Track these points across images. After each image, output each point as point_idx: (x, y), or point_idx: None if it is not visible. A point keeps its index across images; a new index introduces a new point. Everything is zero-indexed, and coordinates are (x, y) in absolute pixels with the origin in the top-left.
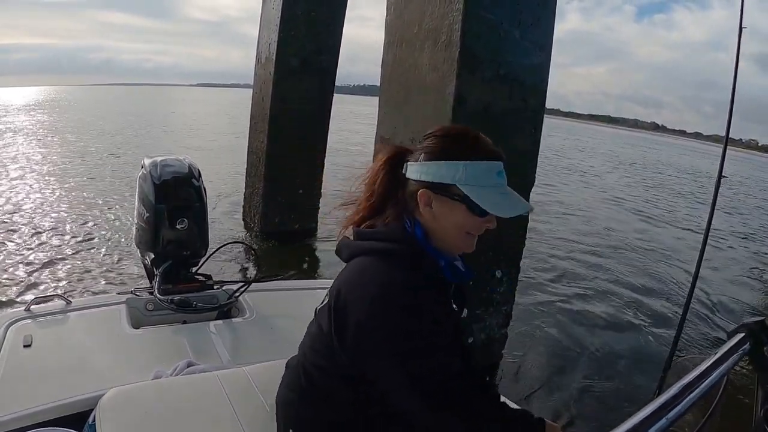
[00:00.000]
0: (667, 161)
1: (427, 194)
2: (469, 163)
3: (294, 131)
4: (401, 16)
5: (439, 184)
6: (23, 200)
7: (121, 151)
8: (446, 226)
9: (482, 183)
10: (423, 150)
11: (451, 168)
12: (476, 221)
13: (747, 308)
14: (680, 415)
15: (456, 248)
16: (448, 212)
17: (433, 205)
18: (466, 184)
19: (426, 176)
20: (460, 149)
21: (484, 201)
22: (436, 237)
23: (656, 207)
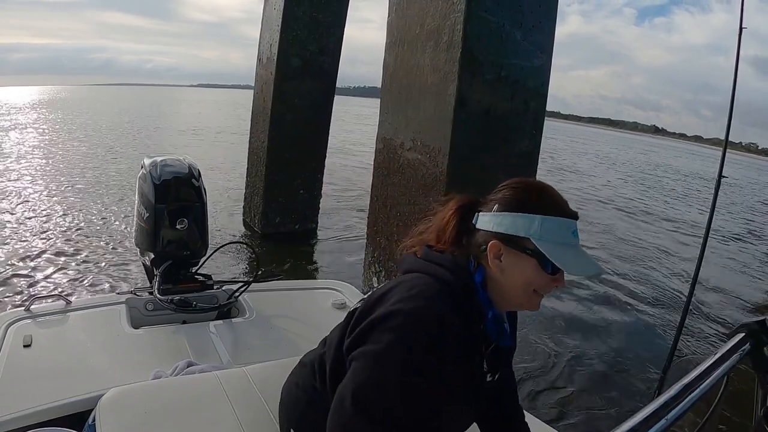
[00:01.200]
0: (675, 165)
1: (498, 246)
2: (546, 218)
3: (295, 132)
4: (403, 18)
5: (512, 237)
6: (23, 200)
7: (123, 151)
8: (513, 280)
9: (557, 239)
10: (497, 201)
11: (526, 221)
12: (545, 278)
13: (747, 308)
14: (680, 415)
15: (519, 305)
16: (518, 266)
17: (502, 258)
18: (541, 239)
19: (499, 227)
20: (537, 203)
21: (558, 258)
22: (498, 289)
23: (657, 208)
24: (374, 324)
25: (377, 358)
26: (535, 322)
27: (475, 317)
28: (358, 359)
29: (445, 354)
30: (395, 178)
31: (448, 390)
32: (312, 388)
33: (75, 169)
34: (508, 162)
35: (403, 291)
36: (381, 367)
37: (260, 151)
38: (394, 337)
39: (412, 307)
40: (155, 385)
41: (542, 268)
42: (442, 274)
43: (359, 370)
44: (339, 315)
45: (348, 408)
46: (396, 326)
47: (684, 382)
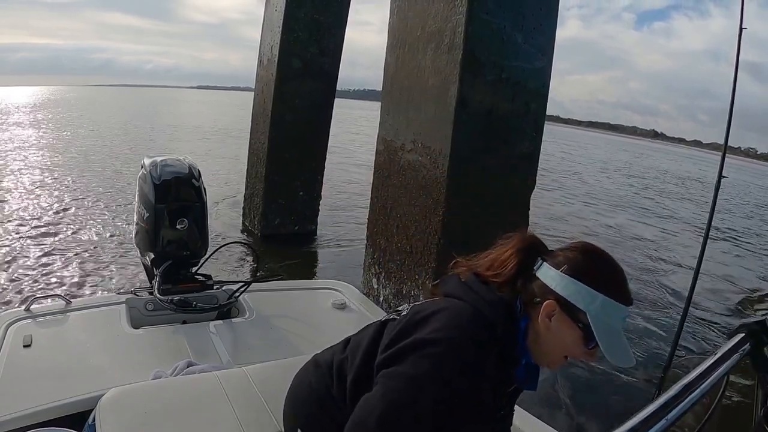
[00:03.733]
0: (677, 170)
1: (554, 307)
2: (608, 300)
3: (295, 133)
4: (404, 19)
5: (570, 304)
6: (23, 200)
7: (123, 150)
8: (555, 342)
9: (610, 322)
10: (567, 261)
11: (589, 295)
12: (582, 351)
13: (748, 308)
14: (680, 415)
15: (545, 363)
16: (564, 332)
17: (553, 319)
18: (596, 317)
19: (562, 290)
20: (606, 281)
21: (605, 343)
22: (537, 342)
23: (657, 208)
24: (414, 347)
25: (413, 383)
26: None
27: (510, 361)
28: (391, 379)
29: (477, 391)
30: (396, 179)
31: (470, 425)
32: (326, 391)
33: (75, 168)
34: (508, 163)
35: (447, 319)
36: (415, 393)
37: (260, 152)
38: (433, 365)
39: (455, 338)
40: (155, 385)
41: (584, 342)
42: (488, 311)
43: (391, 391)
44: (339, 315)
45: (372, 426)
46: (436, 354)
47: (684, 382)
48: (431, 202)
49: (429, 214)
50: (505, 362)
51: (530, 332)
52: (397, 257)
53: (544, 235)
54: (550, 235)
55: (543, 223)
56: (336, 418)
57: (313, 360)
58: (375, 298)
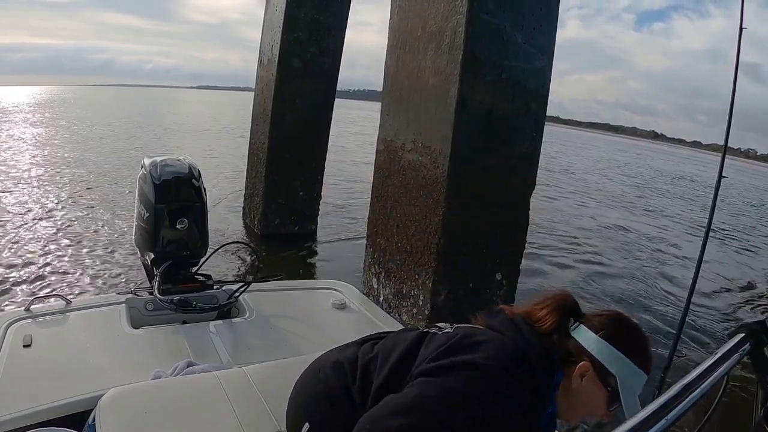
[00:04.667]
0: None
1: (588, 368)
2: (638, 371)
3: (295, 134)
4: (405, 19)
5: (604, 368)
6: (23, 200)
7: (125, 150)
8: (582, 400)
9: (633, 389)
10: (604, 328)
11: (622, 363)
12: (604, 411)
13: (747, 308)
14: (680, 415)
15: (567, 417)
16: (593, 392)
17: (584, 379)
18: (624, 384)
19: (598, 353)
20: (638, 350)
21: (626, 404)
22: (565, 397)
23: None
24: (462, 366)
25: (449, 395)
26: None
27: (539, 407)
28: (429, 386)
29: (506, 423)
30: (396, 179)
31: None
32: (344, 390)
33: (75, 168)
34: (508, 163)
35: (497, 350)
36: (448, 405)
37: (260, 152)
38: (473, 386)
39: (501, 370)
40: (155, 385)
41: (608, 404)
42: (534, 357)
43: (425, 396)
44: (339, 315)
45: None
46: (479, 377)
47: (684, 382)
48: (431, 202)
49: (429, 214)
50: (536, 404)
51: (561, 386)
52: (397, 257)
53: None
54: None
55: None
56: (348, 417)
57: (331, 358)
58: (375, 298)
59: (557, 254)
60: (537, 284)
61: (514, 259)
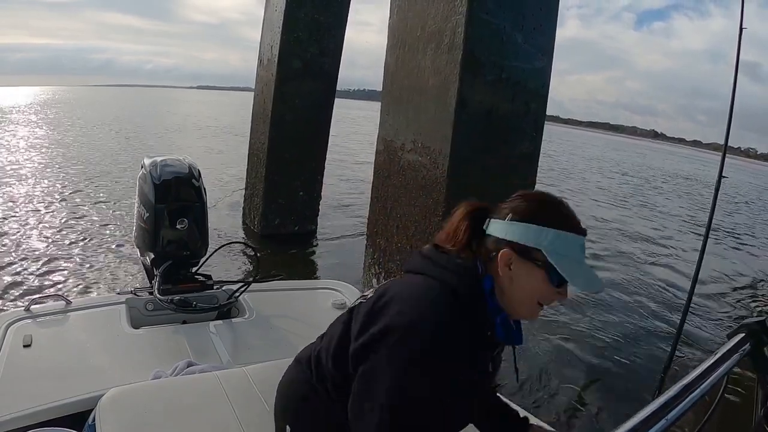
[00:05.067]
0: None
1: (510, 255)
2: (559, 232)
3: (295, 134)
4: (404, 20)
5: (524, 247)
6: (23, 200)
7: (125, 150)
8: (521, 290)
9: (567, 253)
10: (511, 210)
11: (540, 233)
12: (551, 290)
13: (747, 308)
14: (680, 415)
15: (521, 314)
16: (527, 277)
17: (512, 266)
18: (552, 252)
19: (512, 236)
20: (552, 216)
21: (567, 272)
22: (505, 297)
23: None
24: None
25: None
26: (534, 323)
27: (482, 323)
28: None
29: (445, 365)
30: (395, 179)
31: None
32: (307, 384)
33: (75, 168)
34: (508, 163)
35: (403, 301)
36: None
37: (260, 152)
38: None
39: (412, 320)
40: (155, 385)
41: (549, 280)
42: (448, 278)
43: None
44: (339, 315)
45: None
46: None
47: (684, 382)
48: (431, 202)
49: (429, 214)
50: (477, 327)
51: (497, 289)
52: (397, 257)
53: None
54: None
55: None
56: (320, 409)
57: (295, 358)
58: None
59: None
60: None
61: None
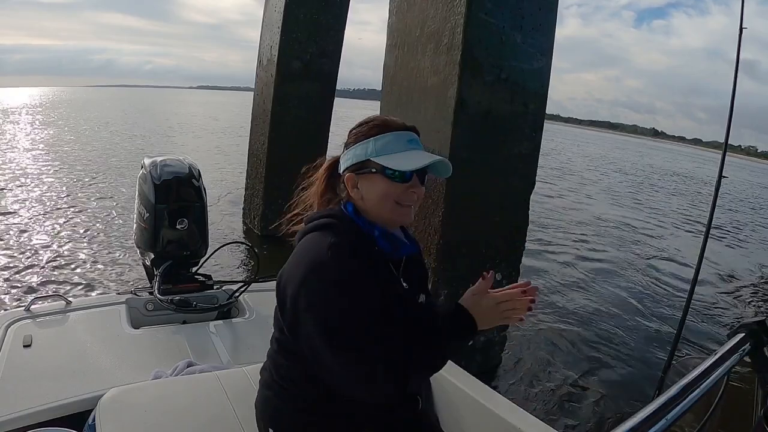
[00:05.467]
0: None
1: (352, 177)
2: (379, 137)
3: (295, 134)
4: (403, 20)
5: (358, 164)
6: (23, 200)
7: (125, 150)
8: (373, 200)
9: (394, 150)
10: (344, 144)
11: (364, 146)
12: (398, 188)
13: (747, 308)
14: (680, 415)
15: (391, 221)
16: (371, 186)
17: (359, 185)
18: (379, 155)
19: (347, 161)
20: (371, 130)
21: (392, 162)
22: (369, 213)
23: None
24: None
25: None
26: (535, 325)
27: (364, 240)
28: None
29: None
30: None
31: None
32: (274, 383)
33: (76, 168)
34: (507, 163)
35: (293, 264)
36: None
37: (260, 153)
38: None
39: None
40: (155, 385)
41: (390, 179)
42: (318, 223)
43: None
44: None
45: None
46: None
47: (684, 382)
48: (431, 203)
49: (428, 214)
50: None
51: (360, 211)
52: None
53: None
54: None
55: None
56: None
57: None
58: None
59: (557, 251)
60: (537, 283)
61: (513, 258)
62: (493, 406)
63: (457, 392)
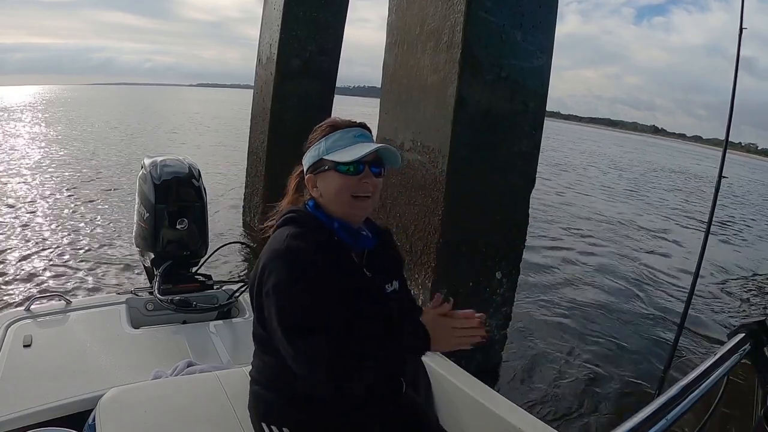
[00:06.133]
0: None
1: (311, 177)
2: (328, 137)
3: (294, 132)
4: (403, 18)
5: (314, 164)
6: (23, 200)
7: (125, 150)
8: (331, 195)
9: (342, 146)
10: (305, 148)
11: (317, 147)
12: (351, 180)
13: (748, 307)
14: (680, 415)
15: (350, 214)
16: (327, 183)
17: (317, 184)
18: (329, 152)
19: (306, 164)
20: (320, 131)
21: (339, 156)
22: (329, 208)
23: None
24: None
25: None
26: (535, 323)
27: (324, 232)
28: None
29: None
30: (394, 178)
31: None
32: (262, 379)
33: (76, 167)
34: (507, 161)
35: (264, 252)
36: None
37: (260, 151)
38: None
39: (270, 256)
40: (155, 385)
41: (343, 173)
42: (286, 218)
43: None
44: None
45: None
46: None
47: (684, 382)
48: (430, 202)
49: (428, 213)
50: (322, 235)
51: (321, 207)
52: None
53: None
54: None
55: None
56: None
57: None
58: None
59: (558, 247)
60: (538, 282)
61: (514, 257)
62: (493, 406)
63: (456, 392)
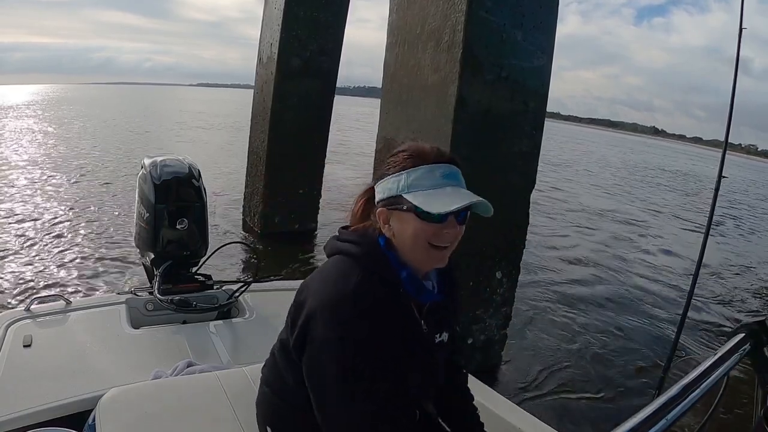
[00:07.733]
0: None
1: (384, 212)
2: (410, 171)
3: (295, 131)
4: (404, 18)
5: (390, 199)
6: (23, 200)
7: (125, 150)
8: (405, 240)
9: (426, 186)
10: (378, 175)
11: (396, 180)
12: (432, 228)
13: (748, 308)
14: (680, 415)
15: (424, 263)
16: (403, 224)
17: (390, 221)
18: (410, 191)
19: (380, 195)
20: (400, 161)
21: (423, 202)
22: (402, 252)
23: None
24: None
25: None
26: (535, 324)
27: (390, 279)
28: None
29: (372, 323)
30: None
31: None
32: (275, 381)
33: (76, 167)
34: (507, 161)
35: (319, 281)
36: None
37: (260, 151)
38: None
39: (324, 299)
40: (155, 385)
41: (423, 219)
42: (350, 249)
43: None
44: None
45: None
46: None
47: (684, 382)
48: None
49: None
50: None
51: (392, 245)
52: None
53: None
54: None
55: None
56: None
57: (265, 363)
58: None
59: (556, 246)
60: (538, 282)
61: (514, 257)
62: (493, 406)
63: None
